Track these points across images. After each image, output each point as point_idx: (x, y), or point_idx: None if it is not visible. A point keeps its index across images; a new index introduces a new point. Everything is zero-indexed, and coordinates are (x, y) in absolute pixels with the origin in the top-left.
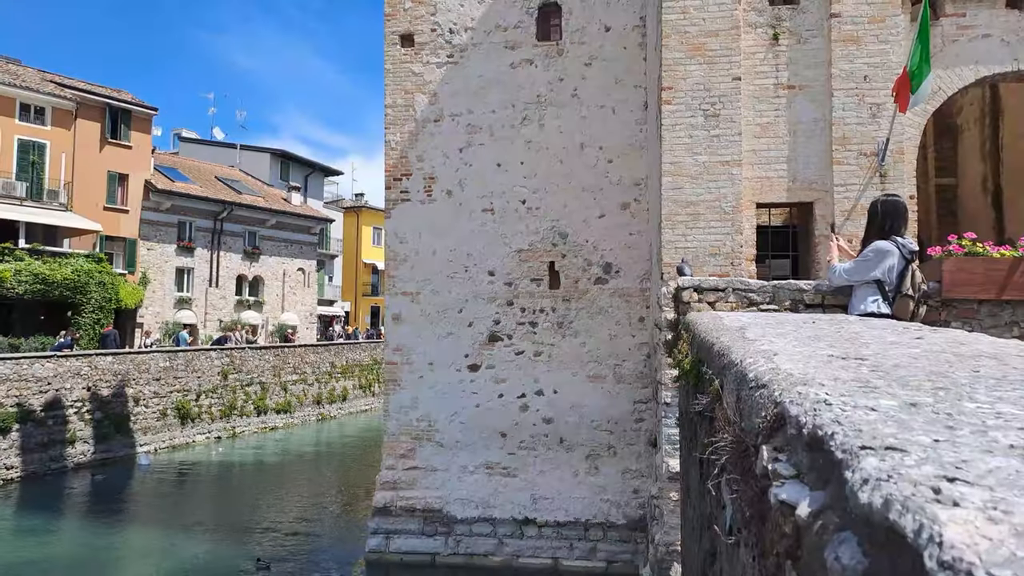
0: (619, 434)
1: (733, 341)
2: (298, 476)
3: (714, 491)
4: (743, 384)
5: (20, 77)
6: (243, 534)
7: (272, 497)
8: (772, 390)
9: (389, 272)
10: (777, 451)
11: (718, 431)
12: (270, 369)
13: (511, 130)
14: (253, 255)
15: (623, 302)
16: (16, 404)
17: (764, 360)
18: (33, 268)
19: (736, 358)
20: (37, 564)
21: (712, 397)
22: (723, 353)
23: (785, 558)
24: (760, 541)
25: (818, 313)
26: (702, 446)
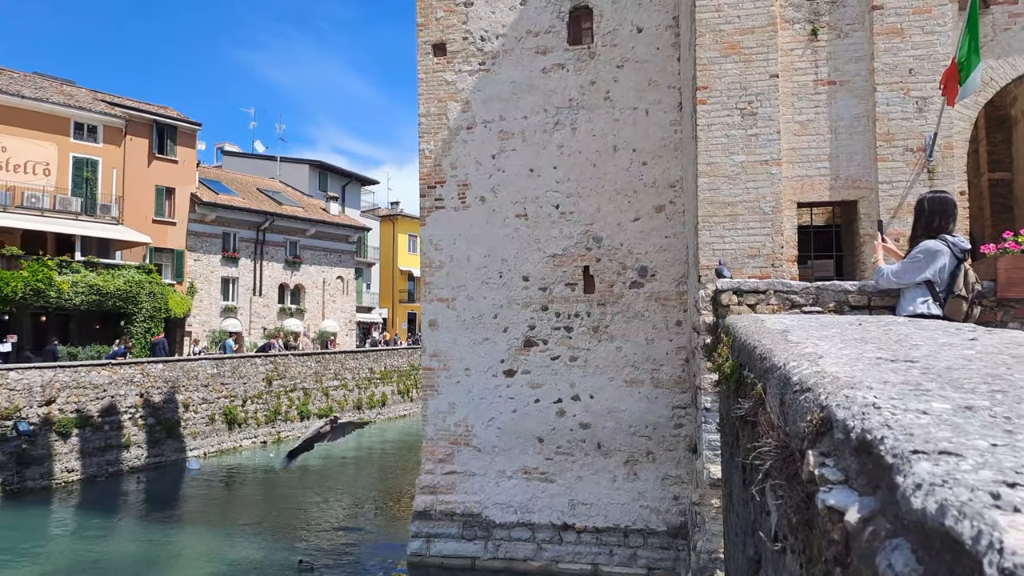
0: (658, 440)
1: (776, 344)
2: (340, 480)
3: (758, 497)
4: (787, 388)
5: (74, 97)
6: (287, 536)
7: (315, 500)
8: (818, 393)
9: (425, 279)
10: (824, 456)
11: (761, 436)
12: (312, 375)
13: (543, 135)
14: (294, 264)
15: (659, 306)
16: (75, 410)
17: (808, 363)
18: (88, 280)
19: (779, 361)
20: (95, 563)
21: (754, 401)
22: (765, 356)
23: (834, 565)
24: (807, 548)
25: (864, 315)
26: (744, 451)
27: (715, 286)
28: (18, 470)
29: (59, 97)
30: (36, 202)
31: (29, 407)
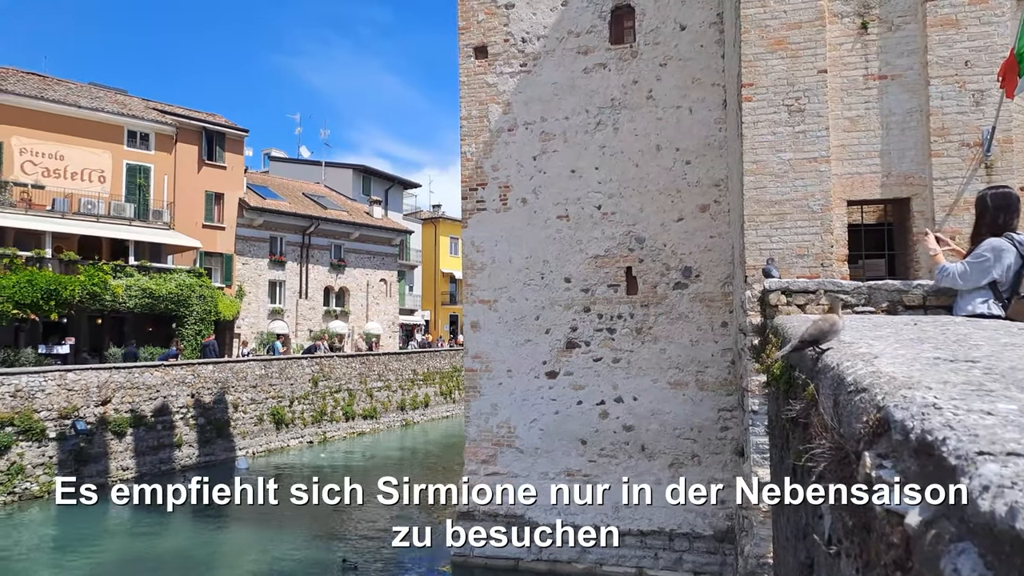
0: (703, 443)
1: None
2: (383, 479)
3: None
4: (840, 388)
5: (127, 106)
6: (332, 534)
7: (359, 498)
8: (874, 394)
9: (467, 280)
10: (881, 457)
11: (814, 437)
12: (357, 376)
13: (585, 135)
14: (339, 267)
15: (704, 307)
16: (130, 410)
17: (863, 363)
18: (141, 283)
19: (832, 361)
20: (149, 557)
21: (806, 402)
22: (816, 357)
23: (894, 569)
24: (864, 551)
25: (919, 315)
26: (796, 454)
27: (763, 286)
28: (76, 468)
29: (113, 106)
30: (92, 208)
31: (86, 407)
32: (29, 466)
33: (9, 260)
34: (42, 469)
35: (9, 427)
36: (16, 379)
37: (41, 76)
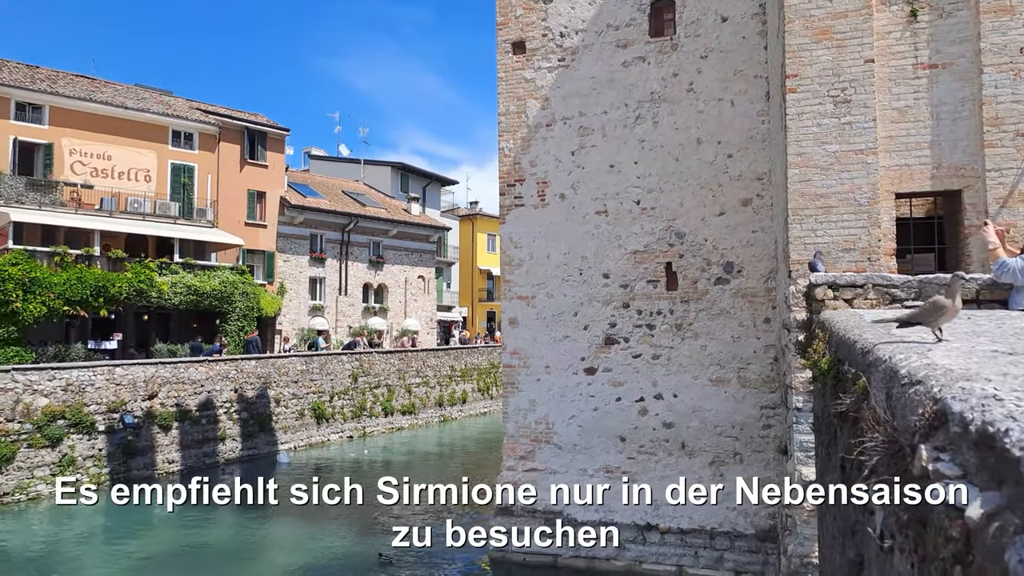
0: (745, 440)
1: (879, 337)
2: (422, 474)
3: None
4: (894, 381)
5: (172, 107)
6: (370, 528)
7: (397, 493)
8: (930, 386)
9: (505, 277)
10: (938, 450)
11: (865, 431)
12: (395, 372)
13: (624, 130)
14: (377, 264)
15: (746, 303)
16: (175, 404)
17: (917, 355)
18: (186, 280)
19: (884, 354)
20: (193, 547)
21: (857, 396)
22: (867, 350)
23: (953, 563)
24: (920, 546)
25: (972, 309)
26: (845, 449)
27: (808, 280)
28: (124, 460)
29: (158, 107)
30: (138, 207)
31: (134, 401)
32: (80, 458)
33: (60, 258)
34: (92, 461)
35: (61, 420)
36: (67, 373)
37: (89, 78)
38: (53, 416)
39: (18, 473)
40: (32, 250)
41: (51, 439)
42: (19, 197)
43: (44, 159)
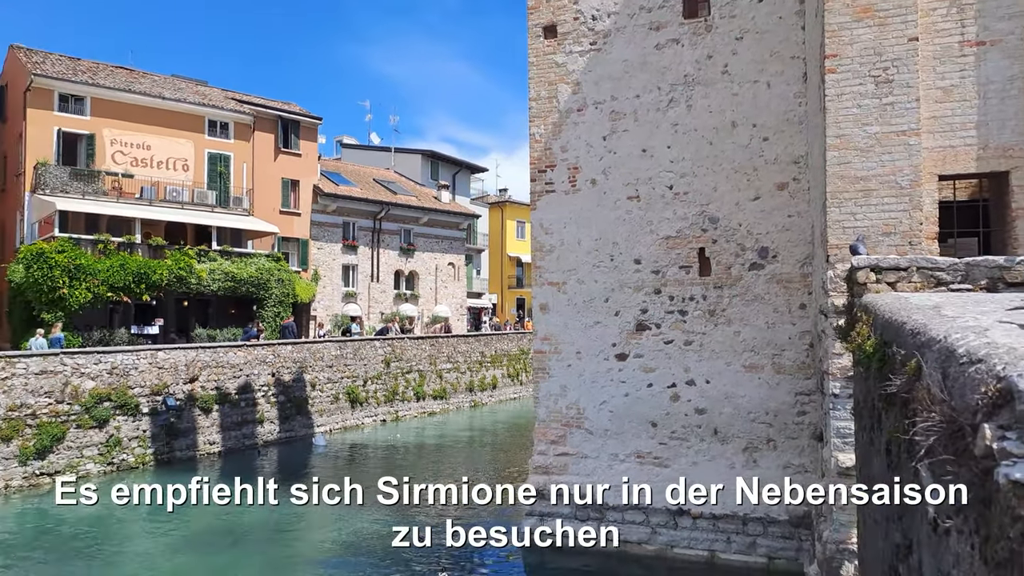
0: (779, 427)
1: (929, 318)
2: (453, 458)
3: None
4: (951, 360)
5: (208, 97)
6: (404, 510)
7: (431, 476)
8: (992, 364)
9: (535, 263)
10: (1003, 428)
11: (918, 412)
12: (427, 358)
13: (656, 114)
14: (408, 251)
15: (781, 288)
16: (215, 388)
17: (975, 335)
18: (224, 267)
19: (937, 334)
20: (233, 526)
21: (908, 377)
22: (919, 331)
23: (1021, 543)
24: (982, 527)
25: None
26: (890, 432)
27: (851, 263)
28: (167, 441)
29: (195, 97)
30: (177, 196)
31: (175, 384)
32: (125, 439)
33: (103, 245)
34: (137, 442)
35: (107, 402)
36: (112, 357)
37: (128, 69)
38: (100, 398)
39: (68, 452)
40: (77, 238)
41: (98, 420)
42: (64, 187)
43: (86, 149)
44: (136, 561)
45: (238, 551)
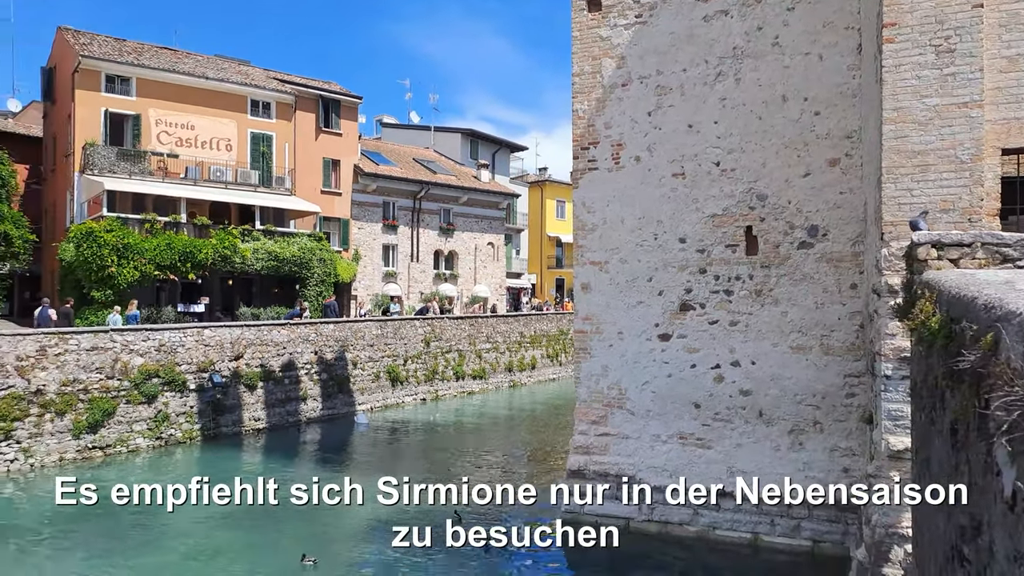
0: (827, 409)
1: (1004, 292)
2: (493, 437)
3: (984, 456)
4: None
5: (250, 77)
6: (444, 487)
7: (470, 454)
8: None
9: (577, 242)
10: None
11: (995, 387)
12: (466, 338)
13: (703, 88)
14: (448, 231)
15: (831, 268)
16: (260, 365)
17: None
18: (267, 247)
19: (1017, 307)
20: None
21: (983, 352)
22: (993, 305)
23: None
24: None
25: None
26: (956, 411)
27: (912, 239)
28: (214, 417)
29: (238, 77)
30: (221, 176)
31: (221, 361)
32: (173, 414)
33: (150, 225)
34: (184, 418)
35: (156, 378)
36: (160, 335)
37: (172, 50)
38: (148, 374)
39: (119, 427)
40: (124, 217)
41: (147, 396)
42: (111, 167)
43: (133, 129)
44: (181, 533)
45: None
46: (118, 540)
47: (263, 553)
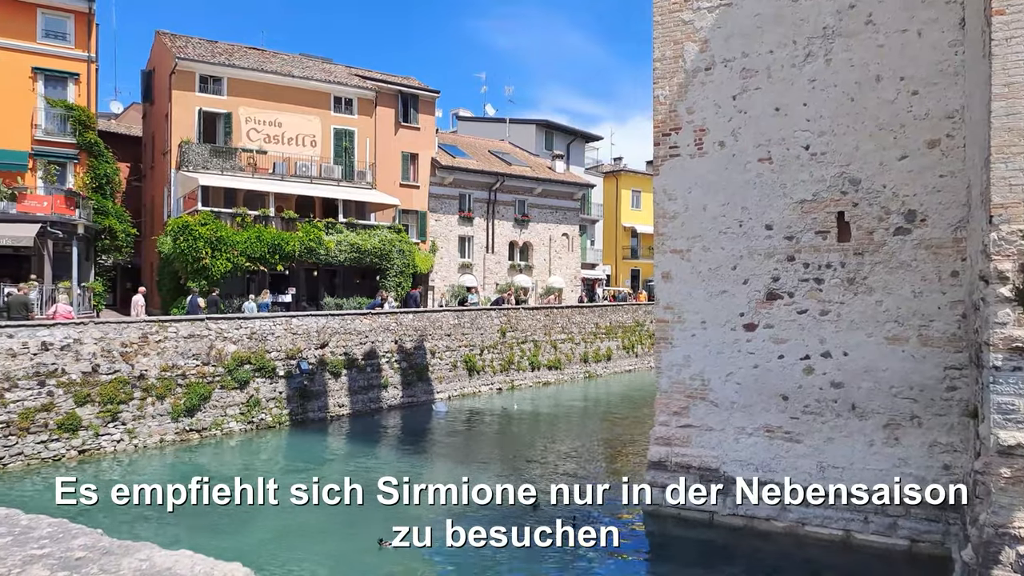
0: (925, 403)
1: None
2: (568, 427)
3: None
4: None
5: (333, 74)
6: (521, 475)
7: (547, 444)
8: None
9: (658, 230)
10: None
11: None
12: (541, 328)
13: (791, 70)
14: (522, 222)
15: (930, 255)
16: (344, 353)
17: None
18: (350, 239)
19: None
20: (359, 485)
21: None
22: None
23: None
24: None
25: None
26: None
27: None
28: (301, 403)
29: (321, 74)
30: (306, 171)
31: (308, 349)
32: (264, 400)
33: (241, 218)
34: (274, 403)
35: (247, 365)
36: (251, 323)
37: (260, 50)
38: (240, 361)
39: (213, 411)
40: (217, 211)
41: (239, 382)
42: (205, 163)
43: (224, 127)
44: (271, 513)
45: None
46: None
47: (341, 539)
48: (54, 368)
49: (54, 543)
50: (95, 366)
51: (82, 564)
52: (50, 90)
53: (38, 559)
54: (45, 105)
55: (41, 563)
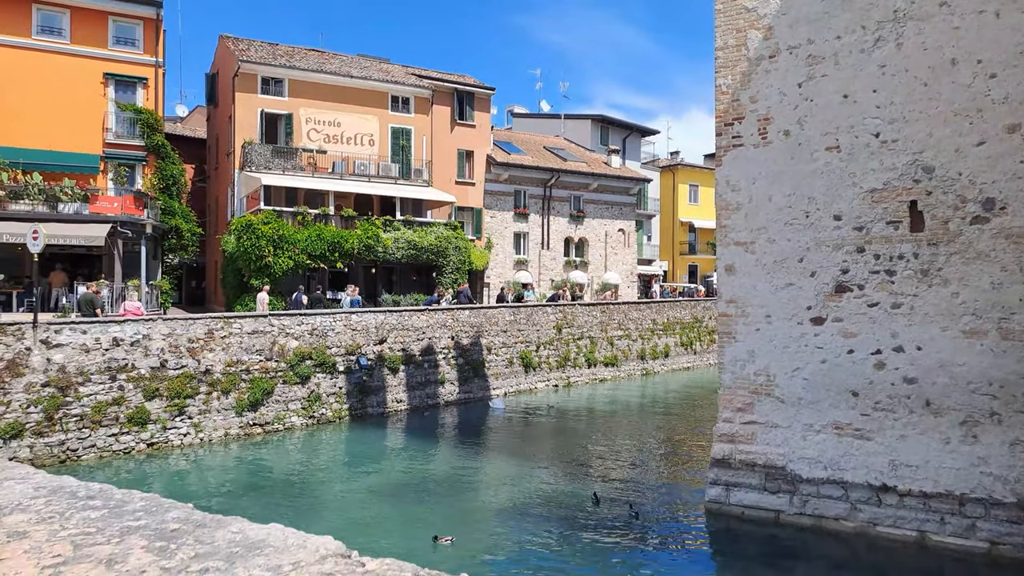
0: (1006, 399)
1: None
2: (627, 424)
3: None
4: None
5: (390, 73)
6: (580, 472)
7: (604, 441)
8: None
9: (720, 222)
10: None
11: None
12: (598, 324)
13: (860, 55)
14: (578, 218)
15: (1011, 244)
16: (401, 349)
17: None
18: (407, 236)
19: None
20: (418, 478)
21: None
22: None
23: None
24: None
25: None
26: None
27: None
28: (360, 398)
29: (379, 74)
30: (364, 169)
31: (367, 345)
32: (324, 394)
33: (301, 217)
34: (334, 398)
35: (309, 360)
36: (312, 320)
37: (319, 51)
38: (302, 357)
39: (276, 406)
40: (279, 210)
41: (301, 377)
42: (267, 163)
43: (285, 128)
44: (334, 507)
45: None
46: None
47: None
48: (124, 363)
49: (148, 515)
50: (163, 361)
51: (177, 535)
52: (120, 95)
53: (135, 530)
54: (115, 109)
55: (138, 534)
